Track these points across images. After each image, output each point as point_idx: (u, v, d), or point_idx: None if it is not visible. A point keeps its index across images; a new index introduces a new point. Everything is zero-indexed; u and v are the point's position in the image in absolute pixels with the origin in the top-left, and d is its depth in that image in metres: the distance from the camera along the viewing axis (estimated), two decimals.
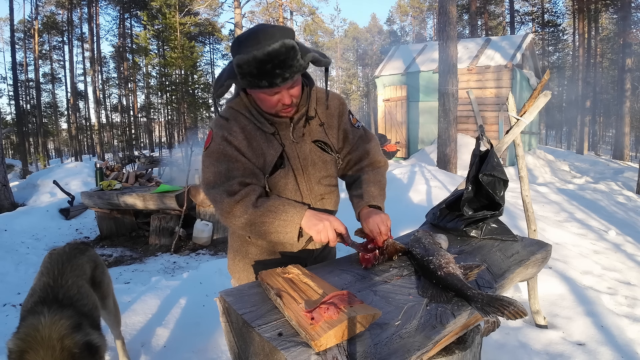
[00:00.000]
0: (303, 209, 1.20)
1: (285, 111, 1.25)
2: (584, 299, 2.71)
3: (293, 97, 1.21)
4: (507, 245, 1.61)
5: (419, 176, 6.27)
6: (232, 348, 1.04)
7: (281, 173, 1.29)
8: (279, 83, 1.11)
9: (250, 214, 1.18)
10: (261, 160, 1.28)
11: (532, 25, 27.00)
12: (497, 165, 1.72)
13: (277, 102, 1.20)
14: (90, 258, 1.89)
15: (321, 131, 1.38)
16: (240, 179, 1.23)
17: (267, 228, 1.19)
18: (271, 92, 1.17)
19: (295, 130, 1.31)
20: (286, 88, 1.18)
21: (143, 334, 2.37)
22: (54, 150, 32.47)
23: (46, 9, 24.28)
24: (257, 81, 1.11)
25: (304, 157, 1.32)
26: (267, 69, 1.08)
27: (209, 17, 22.93)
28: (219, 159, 1.25)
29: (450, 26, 7.83)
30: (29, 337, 1.30)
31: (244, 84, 1.15)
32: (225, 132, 1.26)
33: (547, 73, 2.54)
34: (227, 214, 1.21)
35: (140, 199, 4.97)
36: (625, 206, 6.50)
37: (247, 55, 1.08)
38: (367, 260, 1.30)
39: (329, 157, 1.39)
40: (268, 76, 1.09)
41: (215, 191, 1.23)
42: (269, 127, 1.28)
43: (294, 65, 1.11)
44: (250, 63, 1.08)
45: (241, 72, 1.11)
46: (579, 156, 16.11)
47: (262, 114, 1.28)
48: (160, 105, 25.07)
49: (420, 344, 0.89)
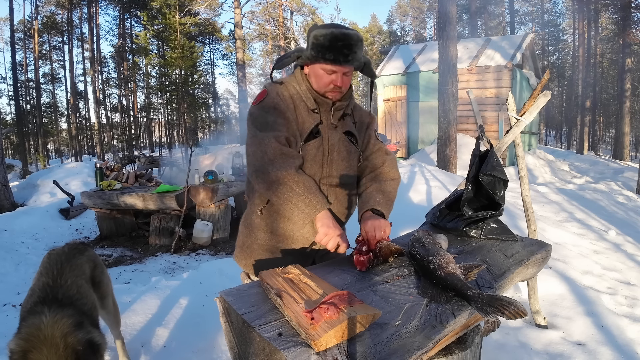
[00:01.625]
0: (327, 205, 1.28)
1: (332, 93, 1.38)
2: (584, 299, 2.71)
3: (344, 83, 1.36)
4: (507, 245, 1.61)
5: (419, 176, 6.27)
6: (232, 348, 1.04)
7: (315, 143, 1.39)
8: (341, 61, 1.30)
9: (290, 174, 1.24)
10: (300, 126, 1.38)
11: (532, 25, 27.01)
12: (497, 165, 1.72)
13: (330, 82, 1.34)
14: (89, 258, 1.89)
15: (352, 127, 1.50)
16: (286, 135, 1.32)
17: (291, 196, 1.23)
18: (329, 70, 1.33)
19: (333, 115, 1.43)
20: (342, 72, 1.33)
21: (143, 334, 2.37)
22: (54, 150, 32.45)
23: (46, 9, 24.27)
24: (326, 53, 1.29)
25: (332, 142, 1.42)
26: (337, 45, 1.28)
27: (208, 17, 22.92)
28: (269, 111, 1.35)
29: (450, 26, 7.83)
30: (32, 336, 1.30)
31: (311, 55, 1.32)
32: (280, 90, 1.40)
33: (547, 73, 2.54)
34: (269, 160, 1.25)
35: (140, 199, 4.97)
36: (625, 206, 6.50)
37: (326, 30, 1.28)
38: (361, 263, 1.29)
39: (354, 148, 1.49)
40: (336, 52, 1.28)
41: (263, 134, 1.30)
42: (312, 103, 1.40)
43: (357, 54, 1.31)
44: (326, 36, 1.27)
45: (314, 43, 1.29)
46: (579, 156, 16.11)
47: (310, 90, 1.40)
48: (160, 105, 25.08)
49: (420, 344, 0.89)
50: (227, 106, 33.31)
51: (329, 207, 1.31)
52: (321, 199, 1.26)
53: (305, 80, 1.41)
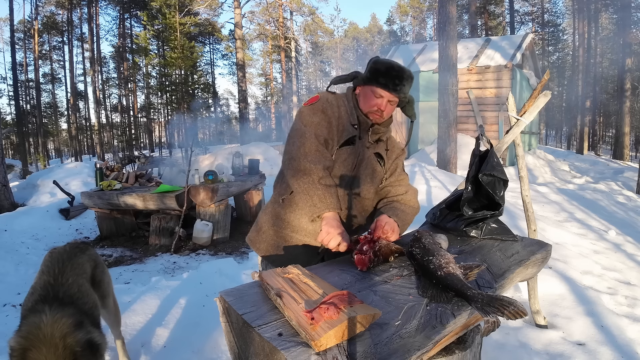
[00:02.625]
0: (338, 209, 1.37)
1: (375, 115, 1.51)
2: (584, 299, 2.71)
3: (387, 109, 1.50)
4: (507, 245, 1.61)
5: (419, 176, 6.27)
6: (232, 348, 1.04)
7: (348, 150, 1.51)
8: (390, 88, 1.46)
9: (318, 170, 1.36)
10: (340, 131, 1.51)
11: (532, 25, 27.02)
12: (497, 165, 1.72)
13: (375, 104, 1.49)
14: (90, 257, 1.89)
15: (384, 152, 1.63)
16: (325, 136, 1.46)
17: (310, 189, 1.35)
18: (378, 94, 1.48)
19: (370, 136, 1.56)
20: (388, 99, 1.48)
21: (143, 334, 2.37)
22: (54, 151, 32.44)
23: (46, 9, 24.28)
24: (380, 77, 1.46)
25: (361, 157, 1.54)
26: (391, 74, 1.46)
27: (208, 17, 22.94)
28: (315, 112, 1.49)
29: (450, 26, 7.83)
30: (31, 335, 1.30)
31: (366, 78, 1.50)
32: (330, 98, 1.55)
33: (547, 73, 2.55)
34: (304, 153, 1.39)
35: (140, 199, 4.97)
36: (625, 206, 6.50)
37: (386, 61, 1.49)
38: (362, 262, 1.29)
39: (380, 169, 1.60)
40: (388, 79, 1.45)
41: (306, 128, 1.45)
42: (354, 119, 1.54)
43: (405, 87, 1.48)
44: (385, 64, 1.48)
45: (372, 68, 1.48)
46: (579, 156, 16.11)
47: (356, 108, 1.55)
48: (160, 105, 25.08)
49: (420, 344, 0.89)
50: (227, 106, 33.31)
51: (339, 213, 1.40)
52: (335, 201, 1.36)
53: (354, 99, 1.56)
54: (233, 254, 4.65)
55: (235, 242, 5.12)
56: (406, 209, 1.58)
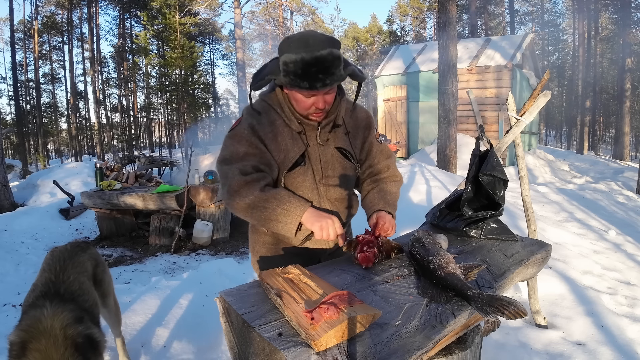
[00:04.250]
0: (307, 204, 1.24)
1: (316, 115, 1.30)
2: (584, 299, 2.71)
3: (327, 103, 1.27)
4: (507, 245, 1.61)
5: (419, 176, 6.27)
6: (232, 348, 1.04)
7: (300, 170, 1.33)
8: (318, 87, 1.17)
9: (256, 196, 1.22)
10: (282, 155, 1.32)
11: (532, 25, 27.01)
12: (497, 165, 1.72)
13: (311, 105, 1.26)
14: (91, 256, 1.90)
15: (345, 139, 1.43)
16: (254, 164, 1.28)
17: (268, 214, 1.21)
18: (308, 95, 1.23)
19: (321, 133, 1.36)
20: (322, 93, 1.23)
21: (143, 334, 2.37)
22: (54, 151, 32.43)
23: (46, 9, 24.26)
24: (299, 81, 1.17)
25: (325, 160, 1.37)
26: (311, 72, 1.15)
27: (208, 17, 22.92)
28: (240, 141, 1.30)
29: (450, 26, 7.83)
30: (31, 327, 1.31)
31: (286, 82, 1.20)
32: (253, 121, 1.32)
33: (547, 73, 2.54)
34: (233, 192, 1.24)
35: (140, 199, 4.97)
36: (625, 206, 6.50)
37: (296, 55, 1.14)
38: (367, 259, 1.30)
39: (349, 164, 1.44)
40: (310, 79, 1.16)
41: (228, 167, 1.28)
42: (297, 126, 1.33)
43: (336, 74, 1.18)
44: (297, 63, 1.14)
45: (286, 70, 1.17)
46: (579, 156, 16.10)
47: (293, 112, 1.32)
48: (160, 105, 25.07)
49: (420, 344, 0.89)
50: (227, 106, 33.30)
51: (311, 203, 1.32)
52: (298, 202, 1.23)
53: (287, 101, 1.32)
54: (233, 254, 4.65)
55: (235, 242, 5.12)
56: (392, 187, 1.49)
